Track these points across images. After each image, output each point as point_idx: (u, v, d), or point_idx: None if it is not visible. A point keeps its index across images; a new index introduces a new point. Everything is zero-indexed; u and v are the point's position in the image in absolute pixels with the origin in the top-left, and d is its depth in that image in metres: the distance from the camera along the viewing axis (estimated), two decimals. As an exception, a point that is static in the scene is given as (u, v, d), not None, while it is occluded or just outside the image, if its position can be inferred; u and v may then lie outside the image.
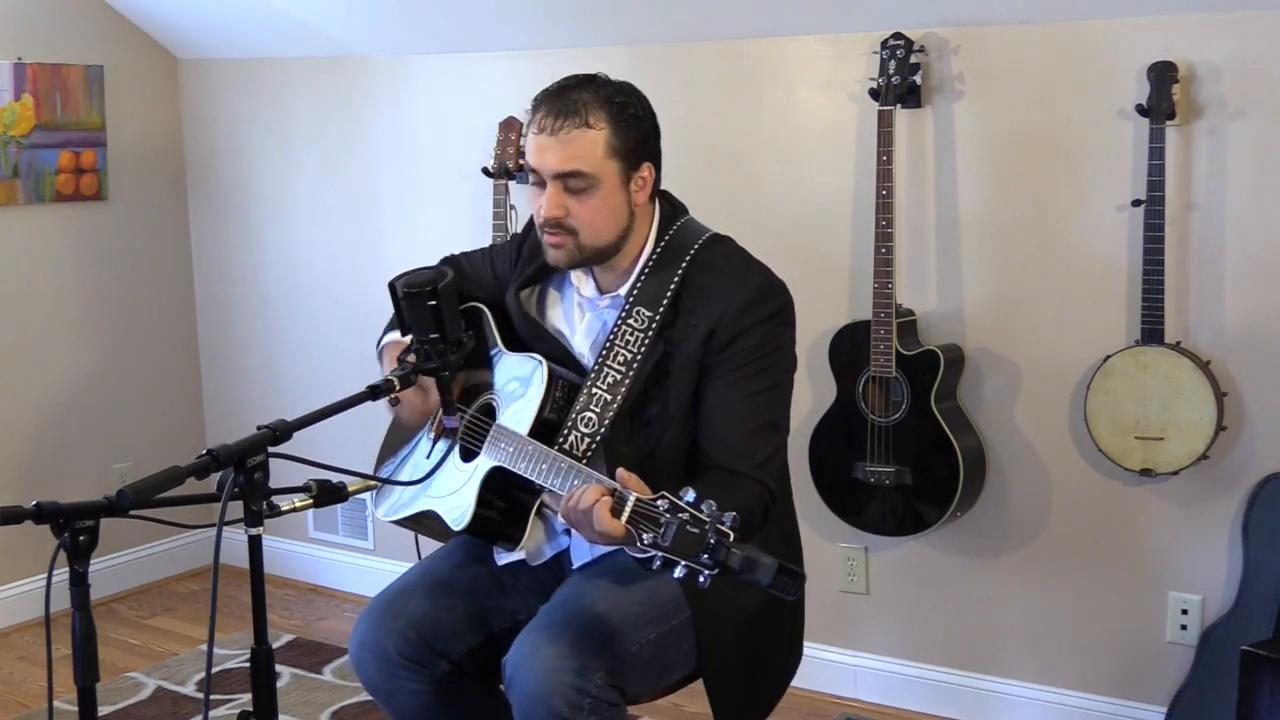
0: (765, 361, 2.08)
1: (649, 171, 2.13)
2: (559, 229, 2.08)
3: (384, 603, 2.21)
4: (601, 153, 2.05)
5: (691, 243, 2.16)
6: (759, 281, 2.13)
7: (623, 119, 2.08)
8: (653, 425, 2.10)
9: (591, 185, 2.05)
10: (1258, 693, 2.61)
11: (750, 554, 1.68)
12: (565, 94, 2.07)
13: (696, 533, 1.70)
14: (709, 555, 1.69)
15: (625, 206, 2.11)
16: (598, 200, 2.06)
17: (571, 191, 2.06)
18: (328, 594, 4.29)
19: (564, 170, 2.04)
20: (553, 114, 2.05)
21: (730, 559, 1.68)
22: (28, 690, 3.58)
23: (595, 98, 2.07)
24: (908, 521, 3.10)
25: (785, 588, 1.68)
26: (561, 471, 1.96)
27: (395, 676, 2.18)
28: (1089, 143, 2.96)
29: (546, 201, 2.06)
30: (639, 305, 2.11)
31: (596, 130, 2.05)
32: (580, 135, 2.04)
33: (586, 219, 2.07)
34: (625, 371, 2.09)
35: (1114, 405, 2.86)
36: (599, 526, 1.80)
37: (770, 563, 1.67)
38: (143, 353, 4.35)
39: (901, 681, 3.37)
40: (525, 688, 1.95)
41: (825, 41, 3.23)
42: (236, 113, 4.28)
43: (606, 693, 1.96)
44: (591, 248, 2.10)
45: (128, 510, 1.58)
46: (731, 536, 1.69)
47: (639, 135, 2.10)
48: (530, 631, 2.03)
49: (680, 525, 1.70)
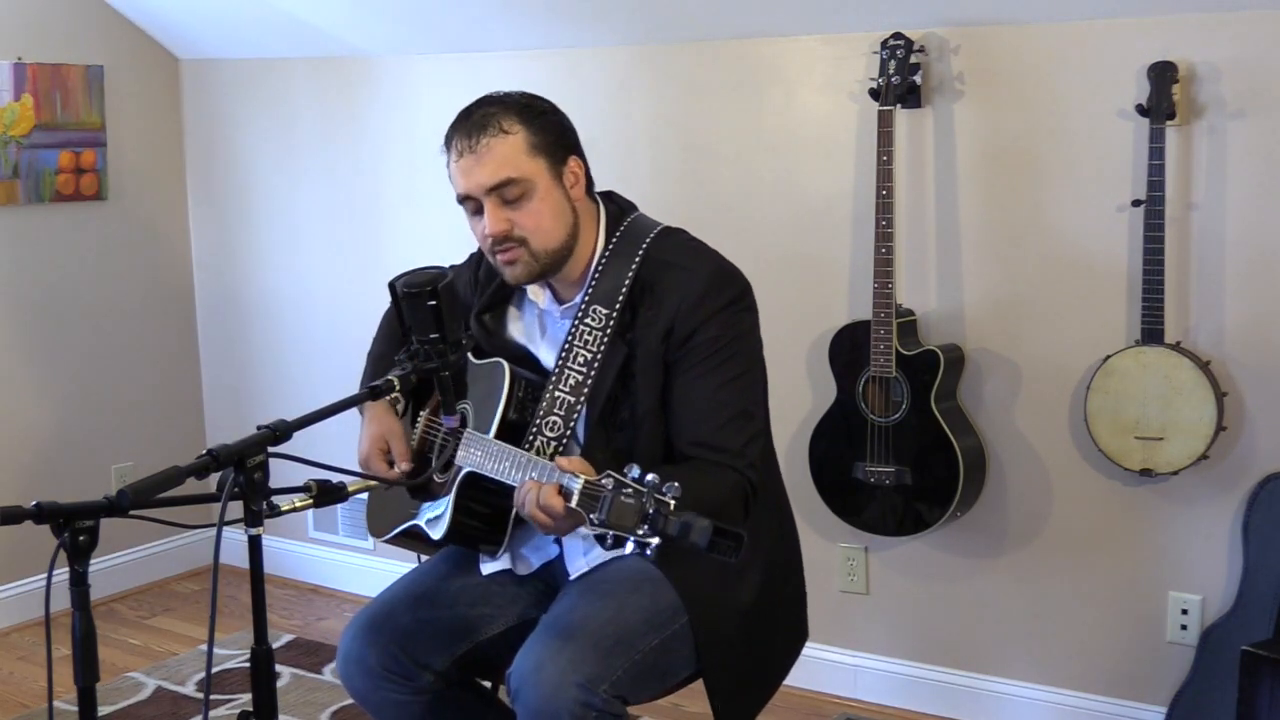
0: (728, 351, 2.07)
1: (577, 165, 2.12)
2: (508, 242, 2.06)
3: (367, 616, 2.22)
4: (525, 153, 2.04)
5: (643, 237, 2.14)
6: (710, 271, 2.11)
7: (534, 117, 2.07)
8: (626, 428, 2.10)
9: (526, 189, 2.04)
10: (1258, 693, 2.61)
11: (687, 519, 1.69)
12: (470, 115, 2.07)
13: (632, 503, 1.71)
14: (648, 525, 1.69)
15: (566, 203, 2.10)
16: (537, 203, 2.05)
17: (509, 202, 2.04)
18: (328, 594, 4.29)
19: (495, 182, 2.03)
20: (465, 135, 2.05)
21: (668, 526, 1.69)
22: (28, 690, 3.58)
23: (500, 107, 2.07)
24: (908, 521, 3.10)
25: (725, 549, 1.68)
26: (522, 466, 1.97)
27: (381, 689, 2.19)
28: (1089, 143, 2.96)
29: (489, 220, 2.05)
30: (595, 304, 2.10)
31: (513, 134, 2.04)
32: (499, 142, 2.04)
33: (532, 224, 2.06)
34: (586, 372, 2.08)
35: (1114, 405, 2.86)
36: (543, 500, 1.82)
37: (706, 525, 1.68)
38: (143, 353, 4.35)
39: (901, 681, 3.37)
40: (532, 703, 1.95)
41: (825, 41, 3.23)
42: (237, 113, 4.28)
43: (611, 704, 1.97)
44: (546, 252, 2.08)
45: (128, 510, 1.58)
46: (672, 505, 1.70)
47: (556, 130, 2.10)
48: (534, 643, 2.02)
49: (615, 497, 1.72)
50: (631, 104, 3.52)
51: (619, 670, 2.00)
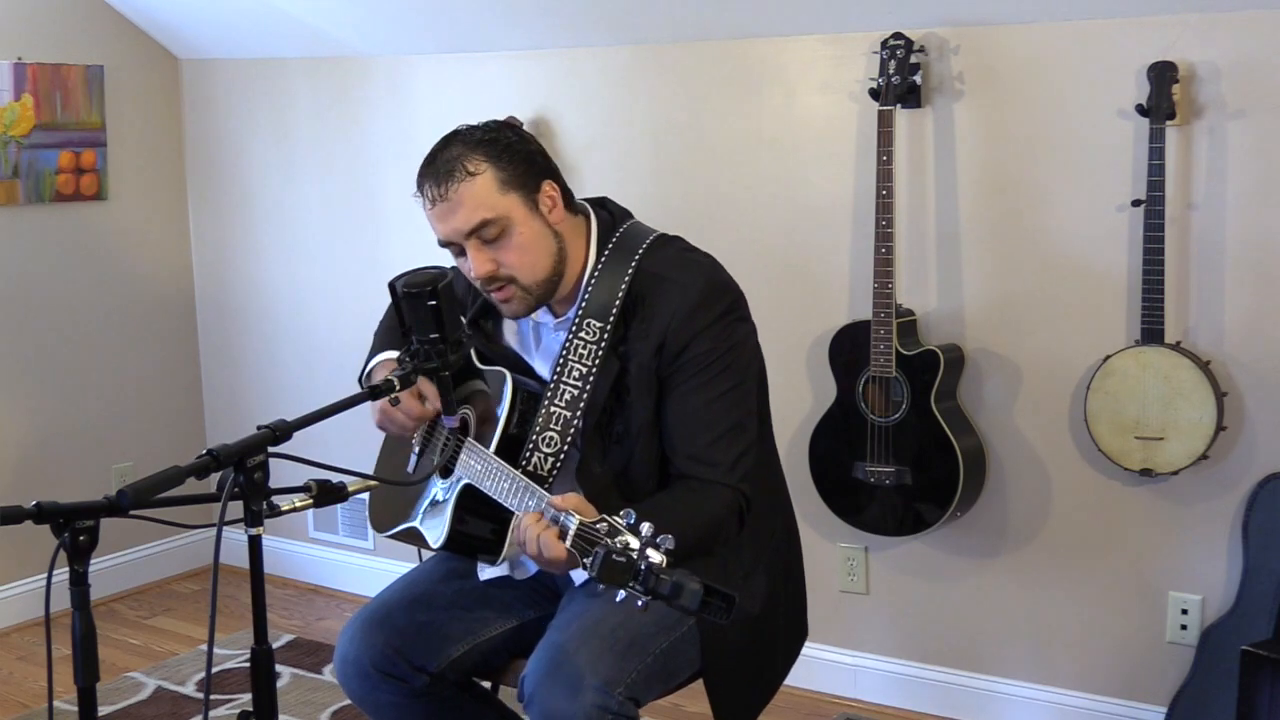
0: (722, 363, 2.06)
1: (551, 188, 2.09)
2: (496, 281, 2.06)
3: (364, 617, 2.23)
4: (496, 191, 2.02)
5: (636, 248, 2.12)
6: (702, 284, 2.09)
7: (499, 152, 2.04)
8: (622, 442, 2.10)
9: (504, 227, 2.03)
10: (1258, 693, 2.61)
11: (678, 579, 1.66)
12: (436, 160, 2.05)
13: (623, 562, 1.68)
14: (638, 583, 1.68)
15: (546, 230, 2.08)
16: (517, 239, 2.04)
17: (488, 242, 2.03)
18: (328, 594, 4.29)
19: (470, 226, 2.02)
20: (434, 182, 2.03)
21: (660, 586, 1.67)
22: (28, 690, 3.58)
23: (464, 147, 2.04)
24: (908, 521, 3.10)
25: (716, 611, 1.66)
26: (519, 492, 1.96)
27: (377, 690, 2.20)
28: (1089, 143, 2.96)
29: (473, 263, 2.04)
30: (589, 317, 2.09)
31: (480, 175, 2.02)
32: (468, 187, 2.01)
33: (516, 261, 2.05)
34: (581, 386, 2.07)
35: (1114, 405, 2.86)
36: (547, 554, 1.81)
37: (697, 588, 1.65)
38: (143, 353, 4.35)
39: (901, 681, 3.37)
40: (548, 707, 1.95)
41: (825, 41, 3.23)
42: (237, 113, 4.28)
43: (626, 706, 1.97)
44: (536, 284, 2.07)
45: (128, 510, 1.58)
46: (664, 563, 1.67)
47: (524, 160, 2.07)
48: (546, 648, 2.02)
49: (606, 556, 1.69)
50: (631, 104, 3.52)
51: (633, 672, 2.00)
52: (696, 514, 1.97)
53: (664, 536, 1.70)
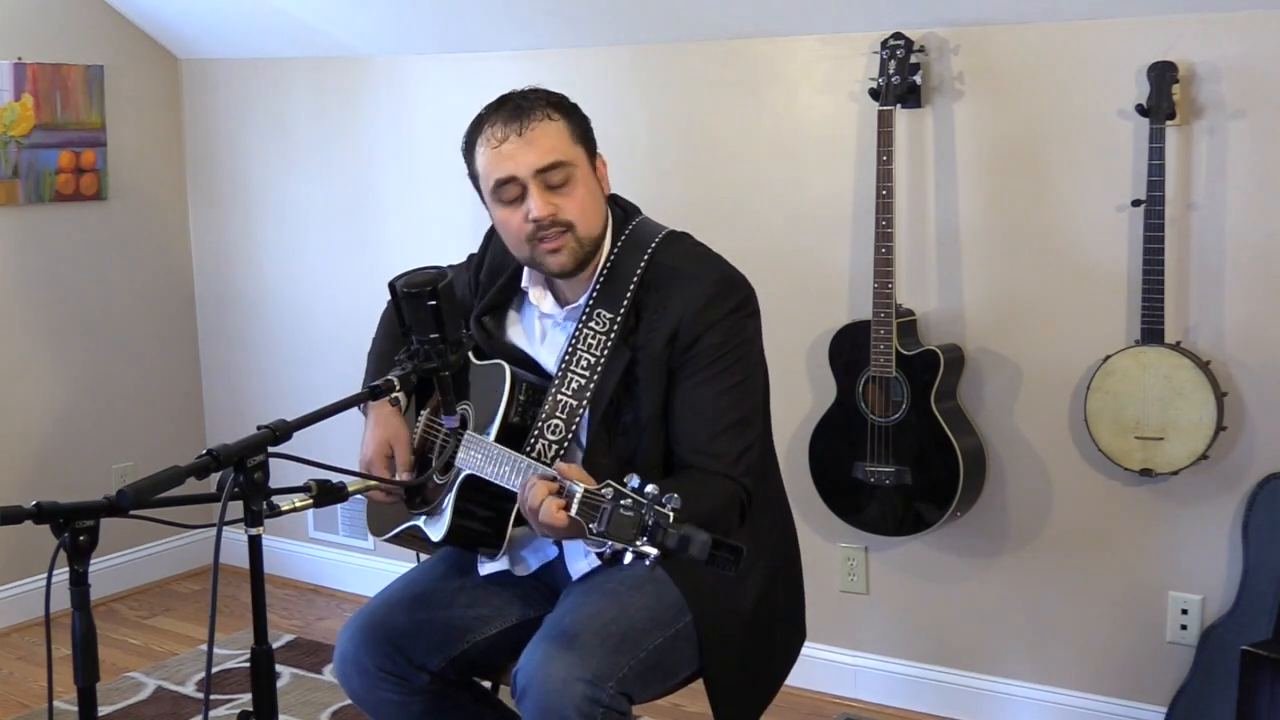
0: (731, 357, 2.08)
1: (603, 163, 2.15)
2: (555, 227, 2.06)
3: (364, 617, 2.23)
4: (569, 140, 2.07)
5: (648, 241, 2.14)
6: (716, 277, 2.11)
7: (569, 110, 2.10)
8: (629, 433, 2.10)
9: (570, 175, 2.05)
10: (1258, 693, 2.62)
11: (686, 532, 1.69)
12: (509, 103, 2.08)
13: (631, 515, 1.71)
14: (647, 537, 1.70)
15: (600, 195, 2.13)
16: (580, 189, 2.07)
17: (553, 187, 2.05)
18: (328, 594, 4.29)
19: (545, 163, 2.03)
20: (508, 120, 2.05)
21: (667, 539, 1.69)
22: (28, 690, 3.58)
23: (539, 97, 2.09)
24: (908, 521, 3.10)
25: (724, 563, 1.68)
26: (521, 471, 1.97)
27: (377, 689, 2.20)
28: (1089, 143, 2.96)
29: (536, 203, 2.04)
30: (599, 308, 2.10)
31: (557, 121, 2.06)
32: (546, 126, 2.05)
33: (577, 209, 2.06)
34: (590, 376, 2.08)
35: (1114, 405, 2.86)
36: (544, 518, 1.82)
37: (705, 538, 1.68)
38: (143, 352, 4.35)
39: (901, 681, 3.37)
40: (539, 700, 1.95)
41: (825, 41, 3.23)
42: (236, 113, 4.28)
43: (617, 701, 1.97)
44: (589, 239, 2.09)
45: (128, 510, 1.58)
46: (671, 517, 1.70)
47: (587, 126, 2.13)
48: (539, 642, 2.02)
49: (615, 509, 1.72)
50: (631, 104, 3.52)
51: (625, 667, 2.00)
52: (700, 498, 1.96)
53: (670, 495, 1.72)
